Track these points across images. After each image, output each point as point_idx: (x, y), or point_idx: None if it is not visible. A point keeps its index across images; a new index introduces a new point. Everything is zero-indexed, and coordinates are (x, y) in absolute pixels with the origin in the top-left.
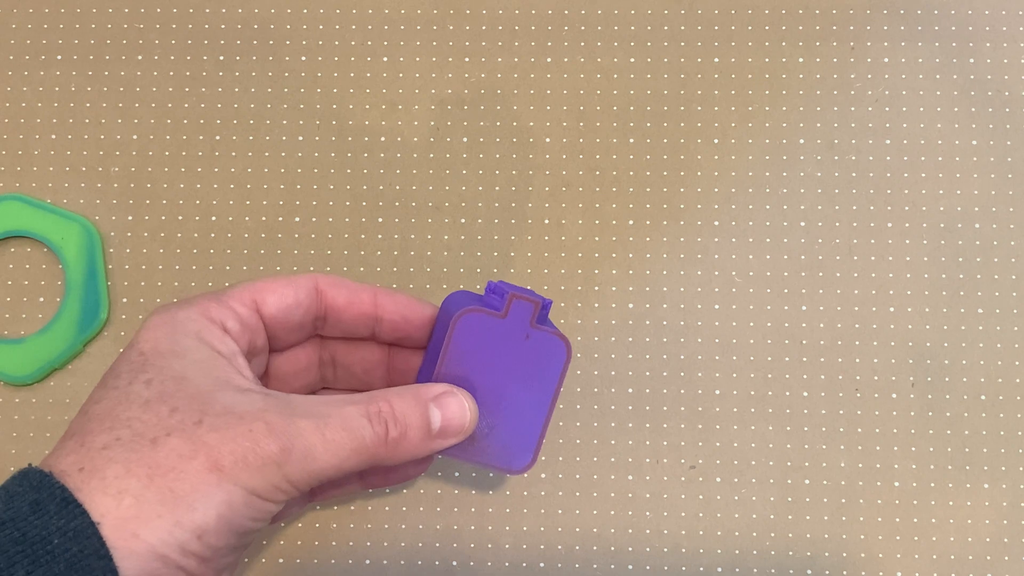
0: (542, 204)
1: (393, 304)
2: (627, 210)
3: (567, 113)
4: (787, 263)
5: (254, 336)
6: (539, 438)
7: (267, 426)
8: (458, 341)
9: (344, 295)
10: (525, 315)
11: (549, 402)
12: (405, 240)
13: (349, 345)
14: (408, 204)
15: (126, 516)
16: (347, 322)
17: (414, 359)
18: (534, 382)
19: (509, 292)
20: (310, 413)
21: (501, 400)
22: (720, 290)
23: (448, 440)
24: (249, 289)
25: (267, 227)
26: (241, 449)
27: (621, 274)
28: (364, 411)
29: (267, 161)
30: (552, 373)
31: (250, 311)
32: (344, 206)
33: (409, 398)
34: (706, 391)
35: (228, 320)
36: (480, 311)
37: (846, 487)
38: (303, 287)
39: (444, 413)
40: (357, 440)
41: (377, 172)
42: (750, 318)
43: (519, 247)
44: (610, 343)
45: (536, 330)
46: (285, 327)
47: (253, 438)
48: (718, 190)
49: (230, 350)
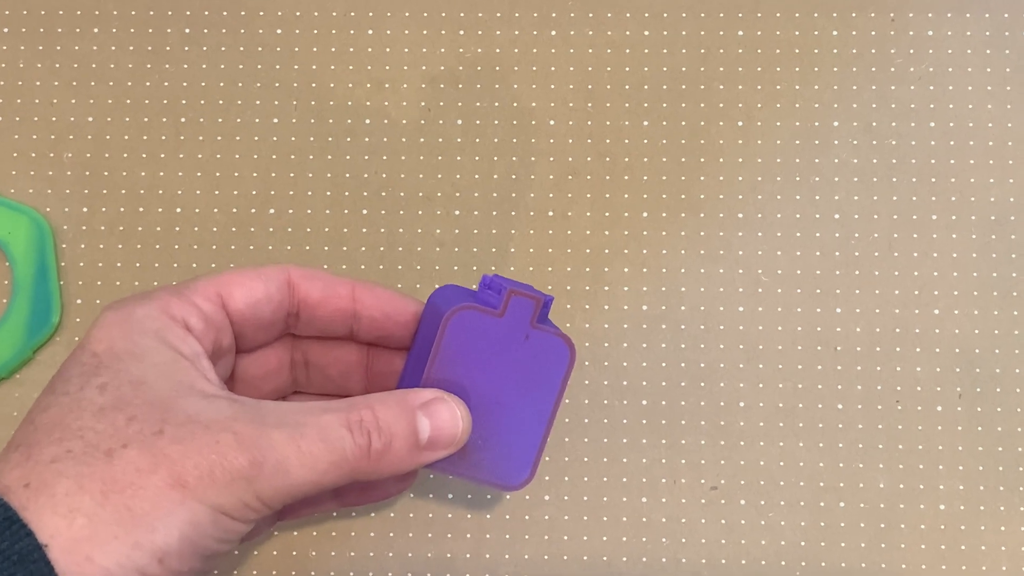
0: (545, 194)
1: (374, 299)
2: (640, 201)
3: (574, 92)
4: (820, 260)
5: (219, 335)
6: (538, 451)
7: (236, 437)
8: (450, 342)
9: (319, 289)
10: (524, 313)
11: (550, 411)
12: (392, 234)
13: (324, 345)
14: (395, 194)
15: (78, 537)
16: (322, 319)
17: (396, 361)
18: (534, 388)
19: (507, 288)
20: (284, 422)
21: (497, 408)
22: (745, 290)
23: (437, 452)
24: (214, 282)
25: (238, 220)
26: (207, 463)
27: (634, 272)
28: (344, 420)
29: (238, 146)
30: (554, 378)
31: (215, 307)
32: (324, 196)
33: (394, 405)
34: (729, 403)
35: (191, 317)
36: (475, 309)
37: (886, 511)
38: (273, 280)
39: (433, 422)
40: (336, 452)
41: (361, 158)
42: (778, 321)
43: (519, 242)
44: (621, 349)
45: (536, 330)
46: (253, 324)
47: (220, 450)
48: (742, 179)
49: (193, 351)
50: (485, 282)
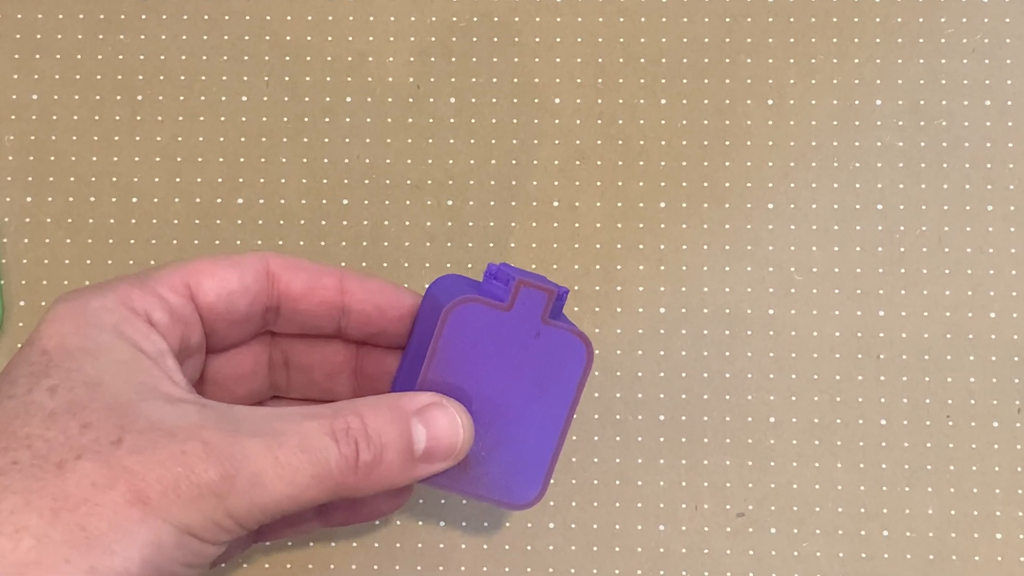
0: (550, 182)
1: (364, 291)
2: (658, 189)
3: (582, 66)
4: (860, 256)
5: (187, 331)
6: (550, 464)
7: (205, 446)
8: (450, 339)
9: (302, 279)
10: (535, 307)
11: (564, 418)
12: (377, 227)
13: (307, 343)
14: (380, 181)
15: (24, 561)
16: (305, 313)
17: (389, 362)
18: (545, 392)
19: (516, 278)
20: (260, 430)
21: (503, 415)
22: (775, 291)
23: (435, 465)
24: (181, 271)
25: (203, 211)
26: (172, 476)
27: (650, 270)
28: (328, 427)
29: (202, 127)
30: (568, 381)
31: (182, 299)
32: (300, 184)
33: (386, 411)
34: (758, 418)
35: (154, 310)
36: (478, 301)
37: (935, 540)
38: (250, 269)
39: (430, 430)
40: (319, 465)
41: (341, 141)
42: (813, 326)
43: (521, 236)
44: (635, 357)
45: (549, 327)
46: (227, 319)
47: (187, 462)
48: (773, 164)
49: (157, 348)
50: (491, 271)
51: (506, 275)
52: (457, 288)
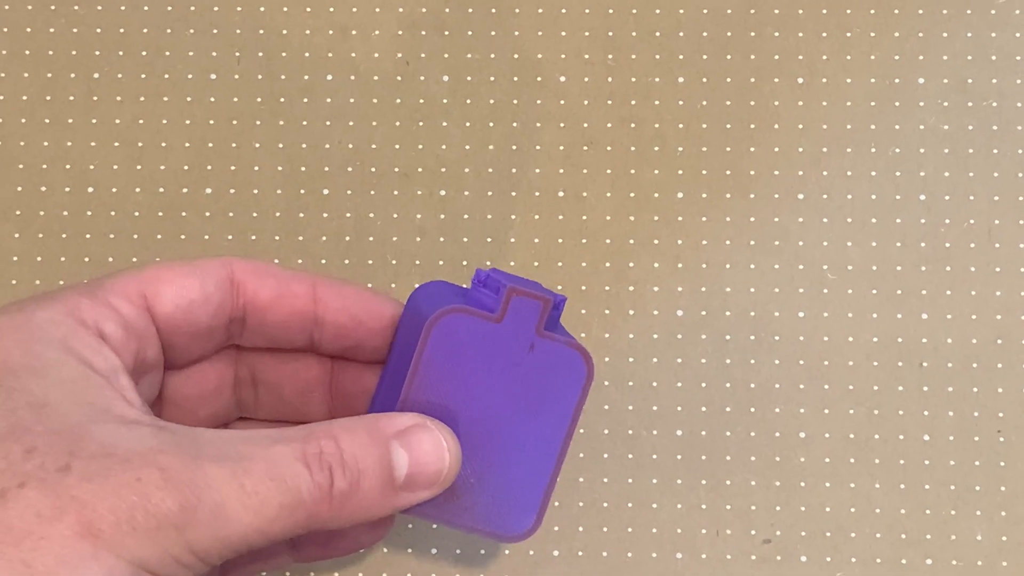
0: (554, 170)
1: (340, 299)
2: (674, 178)
3: (590, 40)
4: (901, 253)
5: (143, 345)
6: (546, 492)
7: (162, 473)
8: (434, 353)
9: (271, 287)
10: (529, 318)
11: (561, 441)
12: (361, 220)
13: (277, 358)
14: (365, 169)
15: None
16: (274, 325)
17: (368, 378)
18: (541, 412)
19: (506, 285)
20: (224, 455)
21: (494, 437)
22: (806, 291)
23: (418, 494)
24: (136, 279)
25: (167, 202)
26: (126, 506)
27: (666, 268)
28: (300, 452)
29: (166, 109)
30: (566, 400)
31: (137, 310)
32: (275, 172)
33: (363, 434)
34: (786, 434)
35: (106, 322)
36: (465, 312)
37: (984, 570)
38: (212, 276)
39: (413, 455)
40: (290, 493)
41: (321, 124)
42: (848, 330)
43: (522, 230)
44: (650, 366)
45: (544, 339)
46: (187, 332)
47: (142, 490)
48: (803, 150)
49: (109, 365)
50: (479, 278)
51: (496, 282)
52: (442, 296)
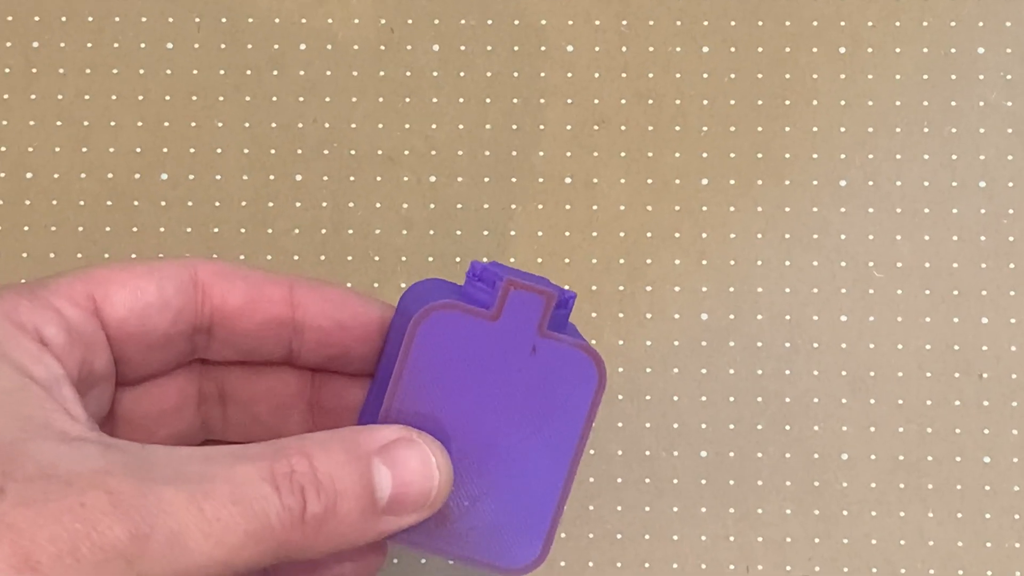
0: (560, 152)
1: (321, 303)
2: (698, 162)
3: (601, 4)
4: (958, 248)
5: (89, 353)
6: (553, 518)
7: (110, 497)
8: (421, 356)
9: (241, 291)
10: (530, 315)
11: (570, 458)
12: (339, 210)
13: (249, 371)
14: (343, 152)
15: None
16: (246, 334)
17: (353, 392)
18: (546, 425)
19: (504, 278)
20: (180, 475)
21: (491, 454)
22: (849, 291)
23: (404, 518)
24: (83, 279)
25: (116, 190)
26: (68, 535)
27: (688, 265)
28: (268, 471)
29: (116, 83)
30: (575, 410)
31: (84, 314)
32: (240, 155)
33: (339, 450)
34: (826, 455)
35: (48, 326)
36: (456, 308)
37: None
38: (172, 278)
39: (397, 473)
40: (257, 519)
41: (294, 100)
42: (897, 337)
43: (523, 222)
44: (670, 377)
45: (548, 340)
46: (142, 342)
47: (87, 517)
48: (846, 130)
49: (51, 374)
50: (474, 272)
51: (492, 275)
52: (435, 295)
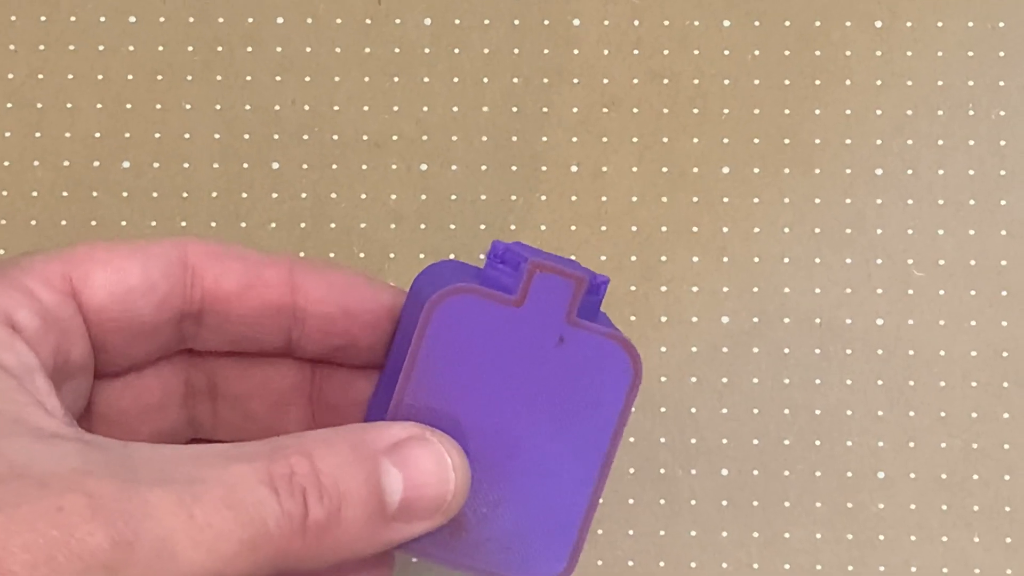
0: (566, 138)
1: (325, 287)
2: (718, 148)
3: None
4: (1007, 243)
5: (66, 341)
6: (581, 525)
7: (90, 501)
8: (436, 346)
9: (236, 274)
10: (557, 301)
11: (600, 460)
12: (320, 201)
13: (243, 363)
14: (325, 137)
15: None
16: (241, 321)
17: (360, 386)
18: (574, 423)
19: (529, 260)
20: (168, 476)
21: (512, 454)
22: (886, 292)
23: (415, 525)
24: (61, 259)
25: (73, 179)
26: (44, 542)
27: (708, 263)
28: (265, 472)
29: (72, 60)
30: (607, 407)
31: (61, 297)
32: (211, 140)
33: (344, 449)
34: (861, 473)
35: (19, 310)
36: (476, 292)
37: None
38: (159, 259)
39: (409, 475)
40: (253, 525)
41: (270, 80)
42: (940, 342)
43: (525, 214)
44: (688, 388)
45: (577, 329)
46: (125, 329)
47: (65, 523)
48: (882, 113)
49: (22, 363)
50: (496, 252)
51: (516, 256)
52: (452, 278)
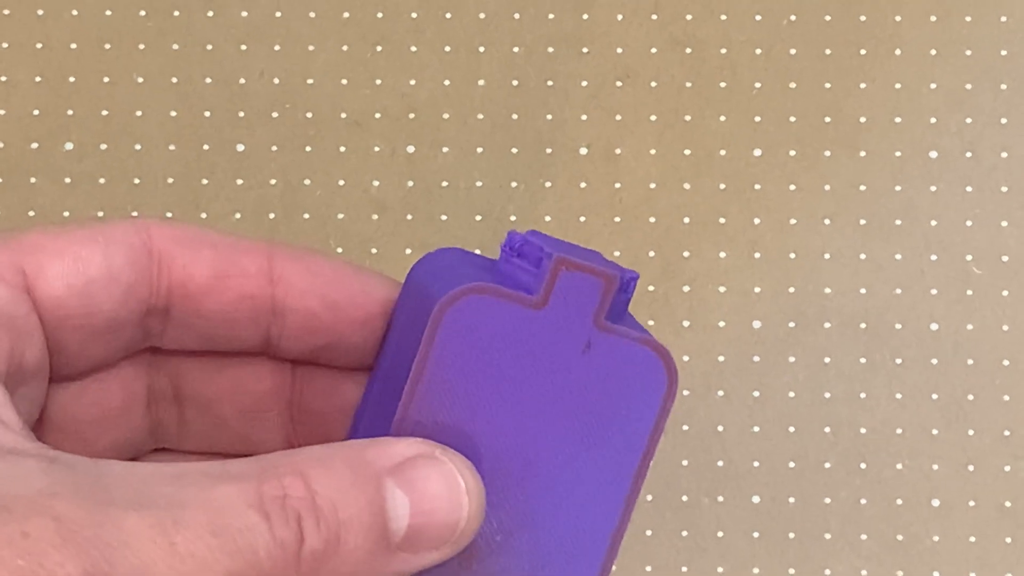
0: (574, 116)
1: (309, 278)
2: (750, 127)
3: None
4: None
5: (19, 342)
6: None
7: (58, 526)
8: (447, 353)
9: (208, 262)
10: (585, 302)
11: (629, 481)
12: (293, 188)
13: (213, 364)
14: (297, 115)
15: None
16: (213, 317)
17: (346, 391)
18: (599, 440)
19: (552, 255)
20: (145, 499)
21: (531, 475)
22: (942, 293)
23: (423, 556)
24: (10, 248)
25: (7, 162)
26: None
27: (738, 259)
28: (255, 495)
29: (8, 28)
30: (637, 421)
31: (12, 292)
32: (166, 119)
33: (343, 468)
34: (913, 501)
35: None
36: (493, 292)
37: None
38: (122, 246)
39: (416, 499)
40: (241, 555)
41: (234, 49)
42: (1004, 349)
43: (528, 203)
44: (714, 403)
45: (606, 334)
46: (84, 327)
47: (31, 550)
48: (937, 87)
49: None
50: (512, 245)
51: (537, 251)
52: (459, 270)
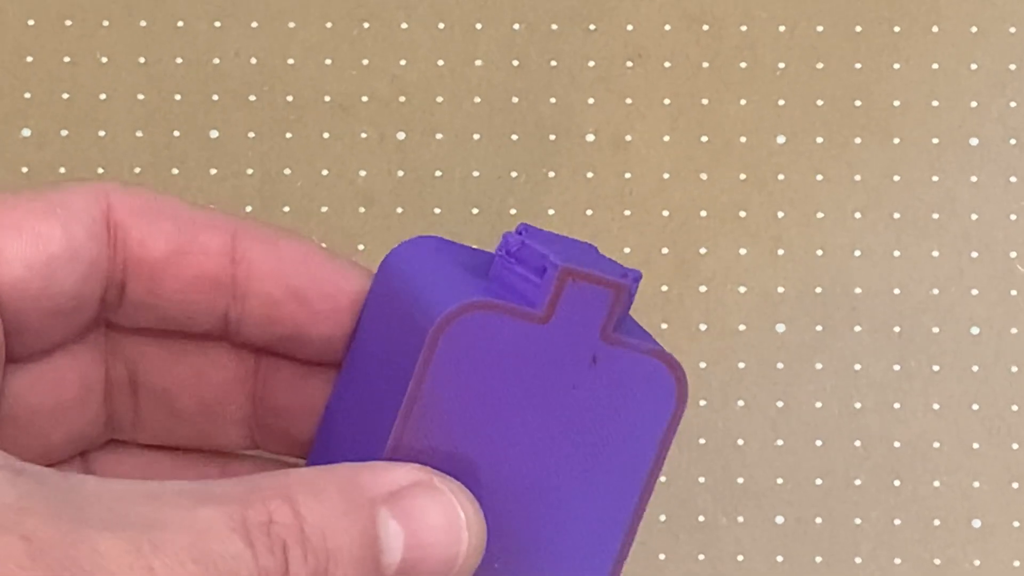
0: (580, 99)
1: (273, 260)
2: (773, 112)
3: None
4: None
5: None
6: None
7: (27, 546)
8: (444, 372)
9: (167, 236)
10: (592, 314)
11: (634, 503)
12: (272, 179)
13: (170, 349)
14: (277, 98)
15: None
16: (170, 297)
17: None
18: (604, 460)
19: (557, 265)
20: (119, 518)
21: (532, 500)
22: (983, 293)
23: None
24: None
25: None
26: None
27: (759, 257)
28: (239, 519)
29: None
30: (643, 438)
31: None
32: (133, 103)
33: (334, 495)
34: (952, 521)
35: None
36: (494, 308)
37: None
38: (82, 217)
39: (411, 531)
40: None
41: (207, 26)
42: None
43: (529, 196)
44: (733, 413)
45: (613, 347)
46: (44, 308)
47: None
48: (978, 67)
49: None
50: (508, 248)
51: (538, 257)
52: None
